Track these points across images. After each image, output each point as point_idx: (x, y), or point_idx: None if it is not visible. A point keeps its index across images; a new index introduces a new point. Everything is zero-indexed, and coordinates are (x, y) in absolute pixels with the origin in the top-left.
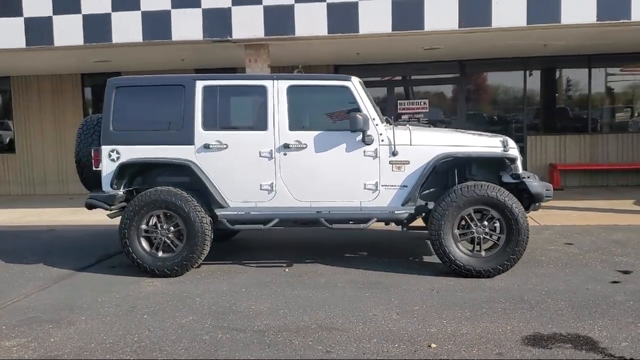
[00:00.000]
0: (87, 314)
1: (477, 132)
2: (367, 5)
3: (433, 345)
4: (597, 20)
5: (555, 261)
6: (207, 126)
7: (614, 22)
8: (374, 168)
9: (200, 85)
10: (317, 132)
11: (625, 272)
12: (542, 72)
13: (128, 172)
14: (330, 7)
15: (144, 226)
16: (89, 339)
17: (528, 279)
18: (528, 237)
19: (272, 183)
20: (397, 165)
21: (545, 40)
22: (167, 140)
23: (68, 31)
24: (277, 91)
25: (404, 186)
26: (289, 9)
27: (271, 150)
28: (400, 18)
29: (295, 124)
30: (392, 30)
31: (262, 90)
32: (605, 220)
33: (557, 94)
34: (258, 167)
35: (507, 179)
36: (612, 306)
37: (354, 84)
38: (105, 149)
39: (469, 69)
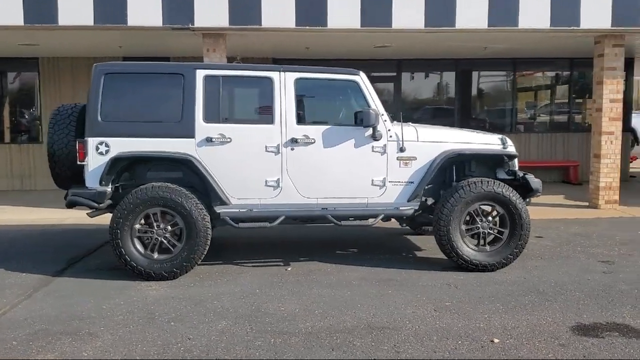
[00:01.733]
0: (102, 323)
1: (473, 130)
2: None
3: (496, 340)
4: (552, 25)
5: (540, 254)
6: (208, 118)
7: (565, 28)
8: (382, 164)
9: (201, 74)
10: (325, 127)
11: (608, 262)
12: (469, 74)
13: (118, 167)
14: None
15: (137, 226)
16: (127, 351)
17: (528, 271)
18: (529, 231)
19: (278, 179)
20: (405, 161)
21: (489, 43)
22: (164, 132)
23: (7, 9)
24: (284, 83)
25: (411, 182)
26: None
27: (278, 144)
28: (369, 14)
29: (303, 118)
30: (361, 26)
31: (268, 82)
32: (554, 214)
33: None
34: (264, 162)
35: (501, 175)
36: (624, 295)
37: (362, 78)
38: (92, 141)
39: (405, 68)
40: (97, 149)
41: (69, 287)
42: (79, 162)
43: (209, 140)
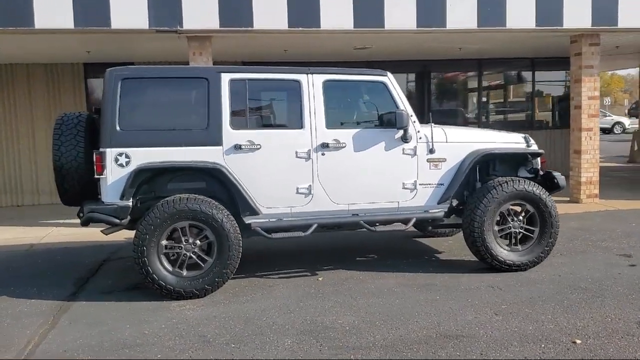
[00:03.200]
0: (156, 350)
1: (494, 130)
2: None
3: (578, 341)
4: (537, 25)
5: (557, 250)
6: (236, 125)
7: (551, 28)
8: (413, 166)
9: (226, 78)
10: (355, 130)
11: (626, 256)
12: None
13: (140, 179)
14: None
15: (164, 242)
16: None
17: (556, 268)
18: (559, 229)
19: (310, 186)
20: (434, 163)
21: (473, 43)
22: (189, 141)
23: None
24: (312, 86)
25: (441, 184)
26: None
27: (309, 150)
28: (362, 15)
29: (332, 122)
30: (354, 27)
31: (296, 85)
32: None
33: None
34: (294, 168)
35: (523, 173)
36: None
37: (390, 79)
38: (110, 153)
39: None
40: (117, 160)
41: (93, 312)
42: (96, 176)
43: (237, 147)
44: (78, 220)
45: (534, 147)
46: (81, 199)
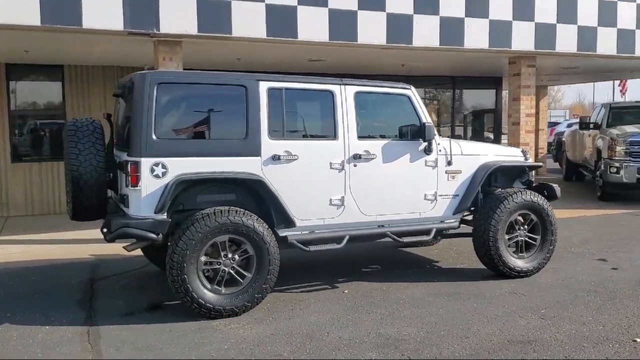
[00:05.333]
0: None
1: (494, 144)
2: (306, 11)
3: (638, 340)
4: (489, 46)
5: None
6: (273, 135)
7: (501, 49)
8: (433, 178)
9: (264, 86)
10: (384, 142)
11: (604, 260)
12: None
13: (178, 191)
14: (269, 8)
15: (203, 258)
16: None
17: (554, 274)
18: (557, 237)
19: (342, 197)
20: (452, 174)
21: (405, 60)
22: (228, 151)
23: None
24: (345, 97)
25: (456, 195)
26: (226, 5)
27: (342, 161)
28: (337, 29)
29: (363, 133)
30: (329, 39)
31: (329, 95)
32: None
33: None
34: (329, 179)
35: (518, 185)
36: None
37: (413, 92)
38: (146, 163)
39: None
40: (152, 171)
41: (132, 336)
42: (130, 187)
43: (275, 158)
44: (18, 237)
45: (530, 160)
46: (95, 213)
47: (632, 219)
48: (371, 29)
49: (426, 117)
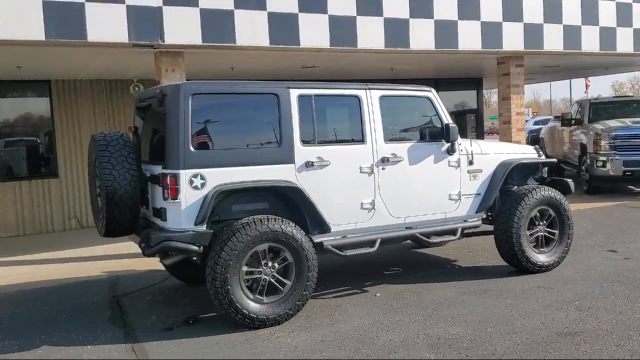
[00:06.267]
0: None
1: (505, 142)
2: (307, 18)
3: None
4: (482, 48)
5: None
6: (305, 141)
7: (493, 50)
8: (457, 178)
9: (295, 94)
10: (409, 144)
11: (614, 251)
12: None
13: (218, 201)
14: (271, 16)
15: (245, 267)
16: None
17: (573, 266)
18: (574, 230)
19: (373, 200)
20: (474, 174)
21: (394, 64)
22: (263, 159)
23: None
24: (371, 101)
25: (478, 194)
26: (229, 14)
27: (371, 164)
28: (337, 35)
29: (389, 136)
30: (330, 45)
31: (356, 100)
32: None
33: None
34: (359, 184)
35: (531, 181)
36: None
37: (434, 94)
38: (185, 175)
39: None
40: (192, 182)
41: (182, 351)
42: (170, 200)
43: (308, 164)
44: (18, 258)
45: (543, 157)
46: (127, 229)
47: (625, 210)
48: (370, 34)
49: (447, 118)
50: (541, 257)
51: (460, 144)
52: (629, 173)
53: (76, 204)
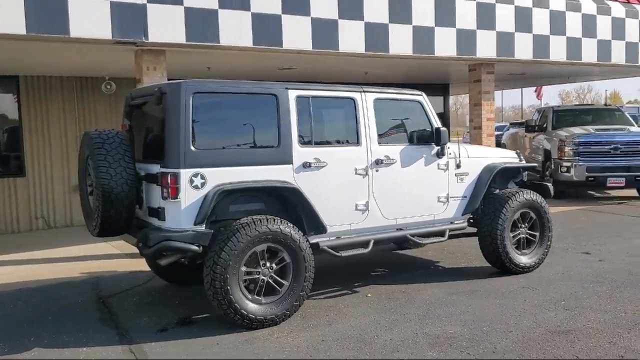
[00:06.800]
0: None
1: (488, 147)
2: (290, 20)
3: None
4: (457, 54)
5: None
6: (303, 142)
7: (468, 57)
8: (445, 180)
9: (293, 94)
10: (401, 147)
11: (587, 253)
12: None
13: (217, 201)
14: (255, 17)
15: (244, 268)
16: None
17: (552, 267)
18: (552, 232)
19: (367, 202)
20: (461, 177)
21: (369, 68)
22: (261, 159)
23: None
24: (366, 104)
25: (464, 197)
26: (213, 14)
27: (366, 166)
28: (319, 38)
29: (382, 139)
30: (312, 48)
31: (351, 102)
32: None
33: None
34: (354, 185)
35: (511, 185)
36: None
37: (425, 98)
38: (185, 174)
39: None
40: (192, 182)
41: (183, 351)
42: (170, 199)
43: (306, 165)
44: None
45: (524, 162)
46: (121, 229)
47: (590, 214)
48: (351, 38)
49: (437, 122)
50: (523, 259)
51: (448, 148)
52: (592, 179)
53: (43, 203)
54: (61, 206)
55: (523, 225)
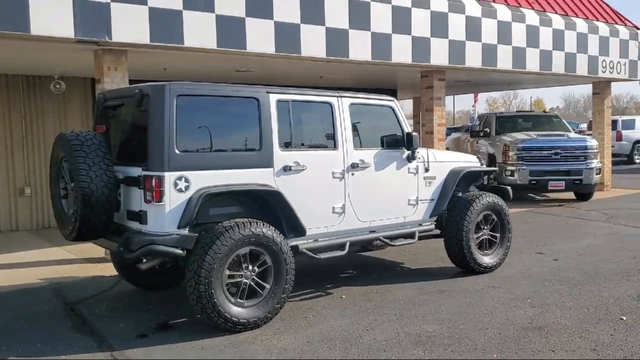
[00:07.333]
0: None
1: (452, 152)
2: (254, 23)
3: (624, 318)
4: (412, 61)
5: None
6: (283, 146)
7: (422, 64)
8: (415, 184)
9: (274, 98)
10: (375, 151)
11: (541, 254)
12: None
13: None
14: (219, 19)
15: (227, 271)
16: None
17: (512, 267)
18: (512, 234)
19: (343, 205)
20: (429, 180)
21: (326, 72)
22: (244, 163)
23: None
24: (342, 109)
25: (432, 199)
26: (177, 15)
27: (342, 170)
28: (282, 42)
29: (357, 143)
30: (275, 51)
31: (329, 107)
32: None
33: None
34: (331, 188)
35: (472, 188)
36: (617, 267)
37: (396, 103)
38: (169, 177)
39: None
40: (176, 185)
41: (169, 356)
42: (154, 203)
43: (286, 169)
44: None
45: (485, 166)
46: (100, 233)
47: (534, 216)
48: (313, 42)
49: (407, 127)
50: (486, 259)
51: (418, 151)
52: (534, 182)
53: None
54: (6, 210)
55: (485, 227)
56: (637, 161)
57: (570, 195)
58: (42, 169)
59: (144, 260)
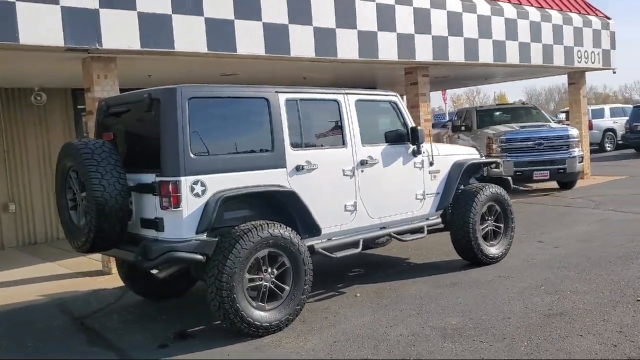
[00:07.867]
0: None
1: (453, 145)
2: (242, 25)
3: None
4: (398, 58)
5: None
6: (294, 145)
7: (407, 60)
8: (421, 178)
9: (283, 98)
10: (382, 147)
11: (541, 242)
12: None
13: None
14: (208, 22)
15: (247, 275)
16: None
17: (516, 256)
18: (515, 224)
19: (355, 202)
20: (434, 174)
21: (309, 72)
22: (257, 164)
23: None
24: (349, 106)
25: (437, 193)
26: (167, 19)
27: (352, 167)
28: (272, 44)
29: (365, 140)
30: (265, 53)
31: (335, 104)
32: None
33: None
34: (342, 186)
35: (472, 180)
36: (617, 251)
37: (399, 99)
38: (186, 182)
39: None
40: (192, 190)
41: None
42: (172, 209)
43: (298, 169)
44: None
45: (484, 158)
46: (113, 243)
47: (523, 206)
48: (302, 43)
49: (411, 122)
50: (492, 250)
51: (422, 146)
52: (519, 173)
53: None
54: None
55: (490, 218)
56: (608, 149)
57: (553, 184)
58: (26, 183)
59: (160, 268)
